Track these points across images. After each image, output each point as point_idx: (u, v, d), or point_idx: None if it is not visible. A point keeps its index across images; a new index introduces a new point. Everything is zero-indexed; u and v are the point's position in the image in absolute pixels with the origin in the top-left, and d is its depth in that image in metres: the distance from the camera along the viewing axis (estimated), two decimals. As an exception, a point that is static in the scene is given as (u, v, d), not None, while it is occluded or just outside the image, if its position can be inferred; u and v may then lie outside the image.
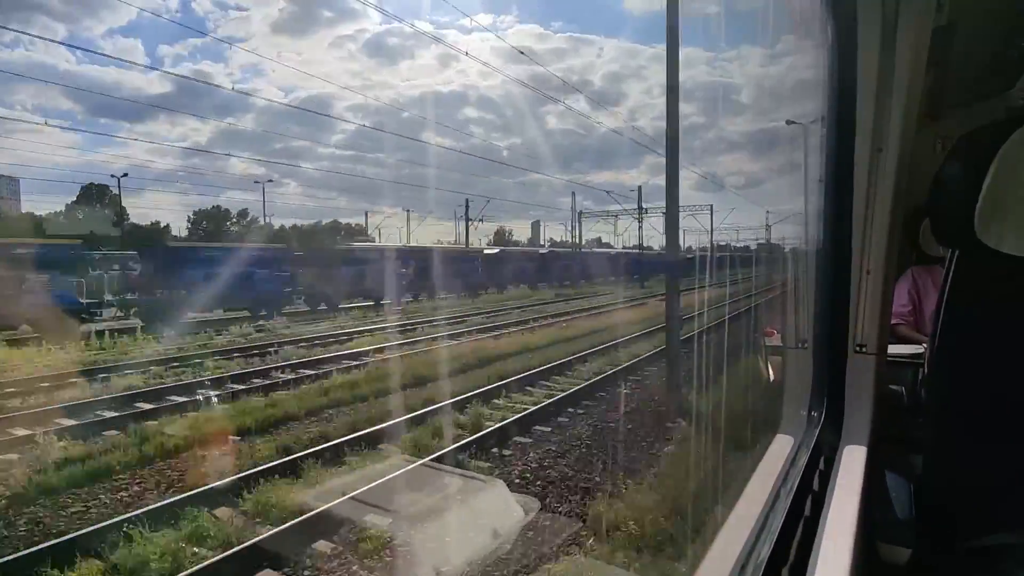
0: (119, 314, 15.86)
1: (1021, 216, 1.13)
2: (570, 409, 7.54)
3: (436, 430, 6.53)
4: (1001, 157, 1.11)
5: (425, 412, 7.05)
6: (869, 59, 1.38)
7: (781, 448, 1.52)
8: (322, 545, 4.12)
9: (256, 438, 6.49)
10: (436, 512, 4.51)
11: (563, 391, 8.21)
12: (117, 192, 31.33)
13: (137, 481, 5.39)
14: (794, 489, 1.27)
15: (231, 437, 6.49)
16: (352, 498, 4.63)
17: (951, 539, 1.28)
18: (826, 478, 1.34)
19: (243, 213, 45.62)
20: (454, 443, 6.00)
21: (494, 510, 4.60)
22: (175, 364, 10.09)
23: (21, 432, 6.39)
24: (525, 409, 7.27)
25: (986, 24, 2.05)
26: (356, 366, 10.11)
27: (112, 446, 5.94)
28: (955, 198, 1.21)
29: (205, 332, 13.93)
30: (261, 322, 16.32)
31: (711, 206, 33.68)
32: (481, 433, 6.29)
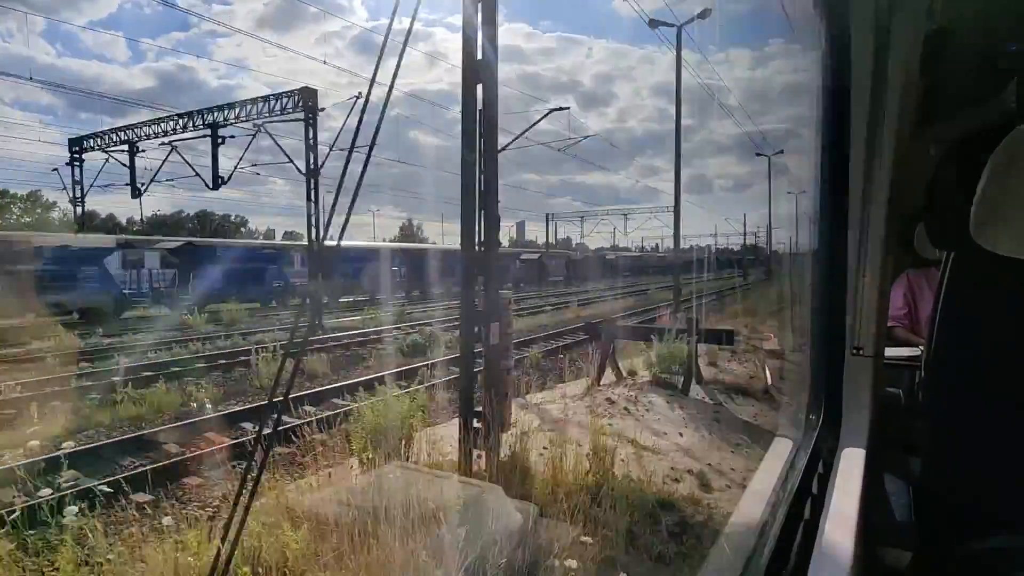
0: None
1: (1015, 218, 1.14)
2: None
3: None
4: (994, 160, 1.12)
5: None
6: (863, 64, 1.39)
7: (780, 451, 1.53)
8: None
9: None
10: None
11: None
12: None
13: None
14: (793, 492, 1.27)
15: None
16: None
17: (950, 541, 1.28)
18: (825, 481, 1.34)
19: (33, 196, 36.90)
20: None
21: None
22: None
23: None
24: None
25: (978, 29, 2.07)
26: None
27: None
28: (949, 201, 1.22)
29: None
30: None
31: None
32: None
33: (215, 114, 17.53)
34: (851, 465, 1.38)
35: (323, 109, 16.34)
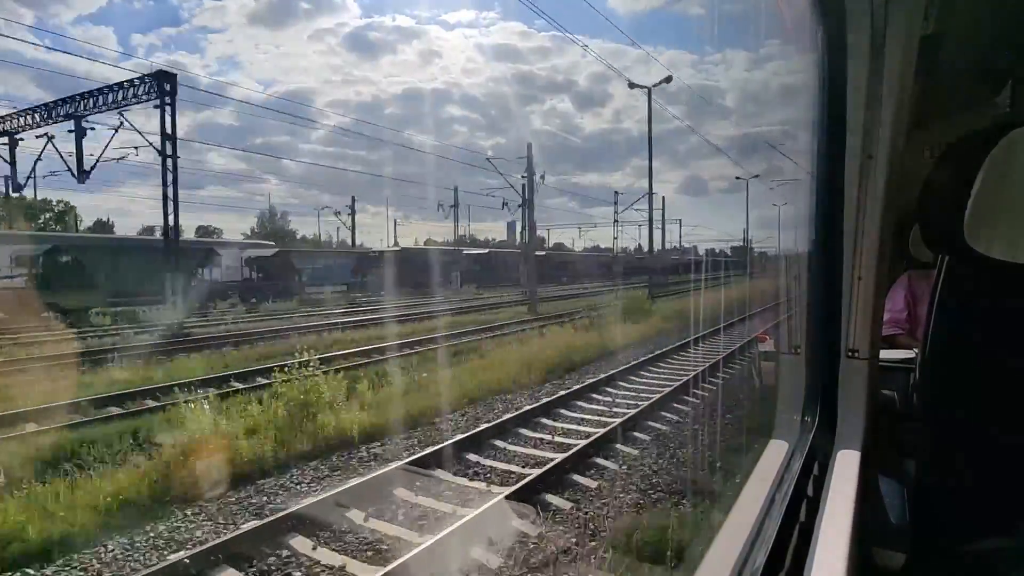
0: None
1: (1009, 222, 1.15)
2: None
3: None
4: (989, 164, 1.13)
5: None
6: (858, 67, 1.39)
7: (775, 454, 1.52)
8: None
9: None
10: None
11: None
12: None
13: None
14: (789, 495, 1.27)
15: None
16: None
17: (945, 543, 1.28)
18: (820, 483, 1.34)
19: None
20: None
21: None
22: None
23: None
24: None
25: (972, 34, 2.08)
26: None
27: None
28: (944, 205, 1.22)
29: None
30: None
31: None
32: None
33: (77, 103, 17.56)
34: (846, 467, 1.38)
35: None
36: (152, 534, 4.68)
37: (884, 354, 1.70)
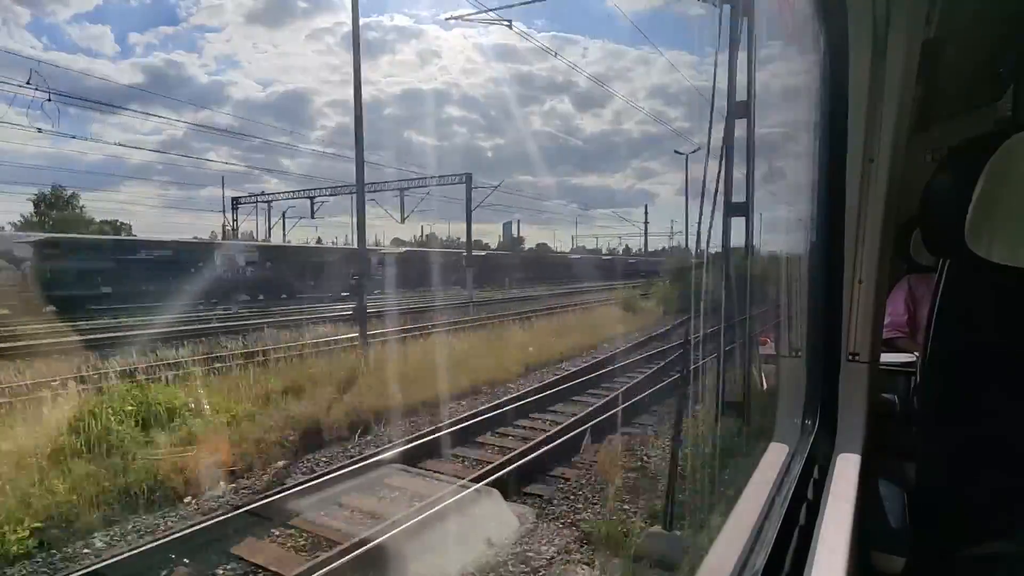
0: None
1: (1010, 226, 1.15)
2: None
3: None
4: (990, 168, 1.13)
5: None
6: (860, 71, 1.40)
7: (775, 457, 1.52)
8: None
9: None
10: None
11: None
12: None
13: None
14: (788, 498, 1.27)
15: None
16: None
17: (944, 547, 1.28)
18: (820, 487, 1.34)
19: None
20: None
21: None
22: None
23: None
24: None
25: (974, 38, 2.08)
26: None
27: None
28: (945, 209, 1.22)
29: None
30: None
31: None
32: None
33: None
34: (846, 470, 1.38)
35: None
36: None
37: (884, 358, 1.70)
